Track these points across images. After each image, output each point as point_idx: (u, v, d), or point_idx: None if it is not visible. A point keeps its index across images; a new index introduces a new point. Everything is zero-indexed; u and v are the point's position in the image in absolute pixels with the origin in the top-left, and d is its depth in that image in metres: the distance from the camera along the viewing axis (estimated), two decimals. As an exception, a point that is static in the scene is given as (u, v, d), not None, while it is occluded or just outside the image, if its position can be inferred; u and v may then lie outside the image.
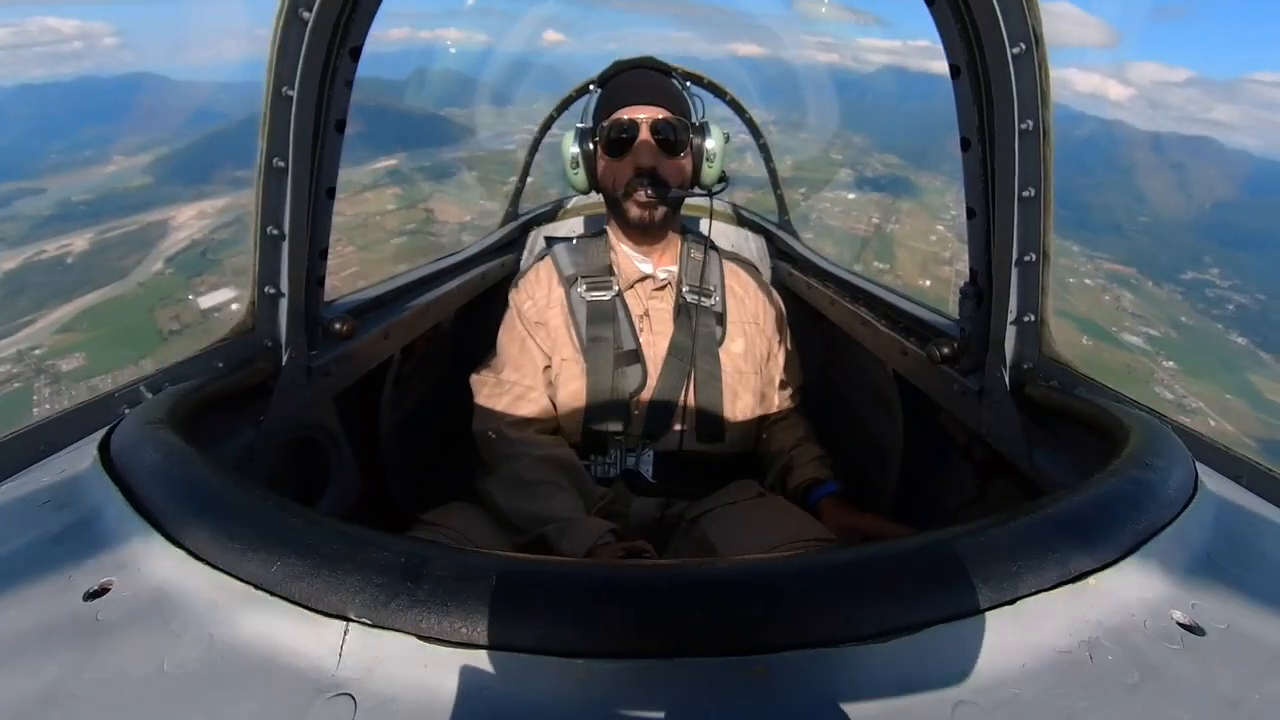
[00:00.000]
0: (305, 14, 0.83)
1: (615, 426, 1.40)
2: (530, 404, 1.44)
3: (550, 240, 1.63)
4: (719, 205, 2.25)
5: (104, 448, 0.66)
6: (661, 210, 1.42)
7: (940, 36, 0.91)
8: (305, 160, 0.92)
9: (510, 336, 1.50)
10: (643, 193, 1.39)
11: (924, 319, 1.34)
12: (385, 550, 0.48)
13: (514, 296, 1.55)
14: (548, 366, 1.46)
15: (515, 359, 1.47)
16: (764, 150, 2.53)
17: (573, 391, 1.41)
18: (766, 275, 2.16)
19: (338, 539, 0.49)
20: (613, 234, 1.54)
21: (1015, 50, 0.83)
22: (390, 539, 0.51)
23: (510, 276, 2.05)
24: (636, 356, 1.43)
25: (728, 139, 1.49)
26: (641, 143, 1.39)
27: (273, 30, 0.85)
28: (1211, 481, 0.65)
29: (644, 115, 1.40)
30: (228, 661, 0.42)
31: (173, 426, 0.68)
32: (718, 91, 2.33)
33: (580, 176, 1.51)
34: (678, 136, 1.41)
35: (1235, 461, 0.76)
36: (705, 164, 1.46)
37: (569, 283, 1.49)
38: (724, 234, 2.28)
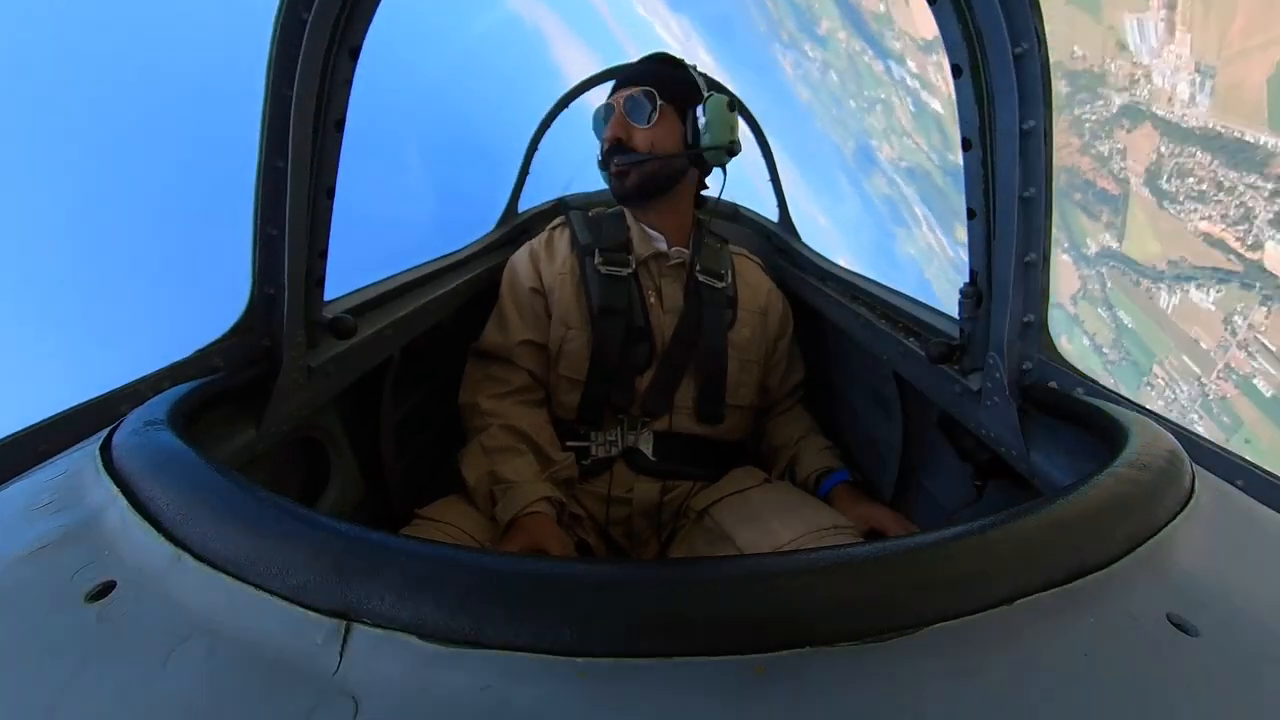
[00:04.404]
0: (304, 14, 0.83)
1: (618, 402, 1.40)
2: (512, 373, 1.43)
3: (569, 210, 1.65)
4: (723, 204, 2.25)
5: (105, 448, 0.66)
6: (634, 178, 1.44)
7: (942, 35, 0.91)
8: (304, 160, 0.92)
9: (504, 301, 1.51)
10: (612, 164, 1.44)
11: (924, 319, 1.35)
12: (386, 549, 0.48)
13: (517, 260, 1.55)
14: (534, 341, 1.45)
15: (506, 323, 1.47)
16: (765, 148, 2.53)
17: (577, 364, 1.41)
18: None
19: (339, 538, 0.50)
20: (628, 212, 1.56)
21: (1018, 50, 0.83)
22: (392, 538, 0.51)
23: None
24: (645, 333, 1.44)
25: (732, 108, 1.48)
26: (614, 118, 1.43)
27: (272, 30, 0.85)
28: (1208, 484, 0.65)
29: (620, 96, 1.45)
30: (229, 662, 0.42)
31: (173, 427, 0.68)
32: (717, 87, 2.33)
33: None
34: (642, 106, 1.43)
35: (1232, 464, 0.77)
36: (703, 131, 1.46)
37: (584, 252, 1.49)
38: (724, 230, 2.29)
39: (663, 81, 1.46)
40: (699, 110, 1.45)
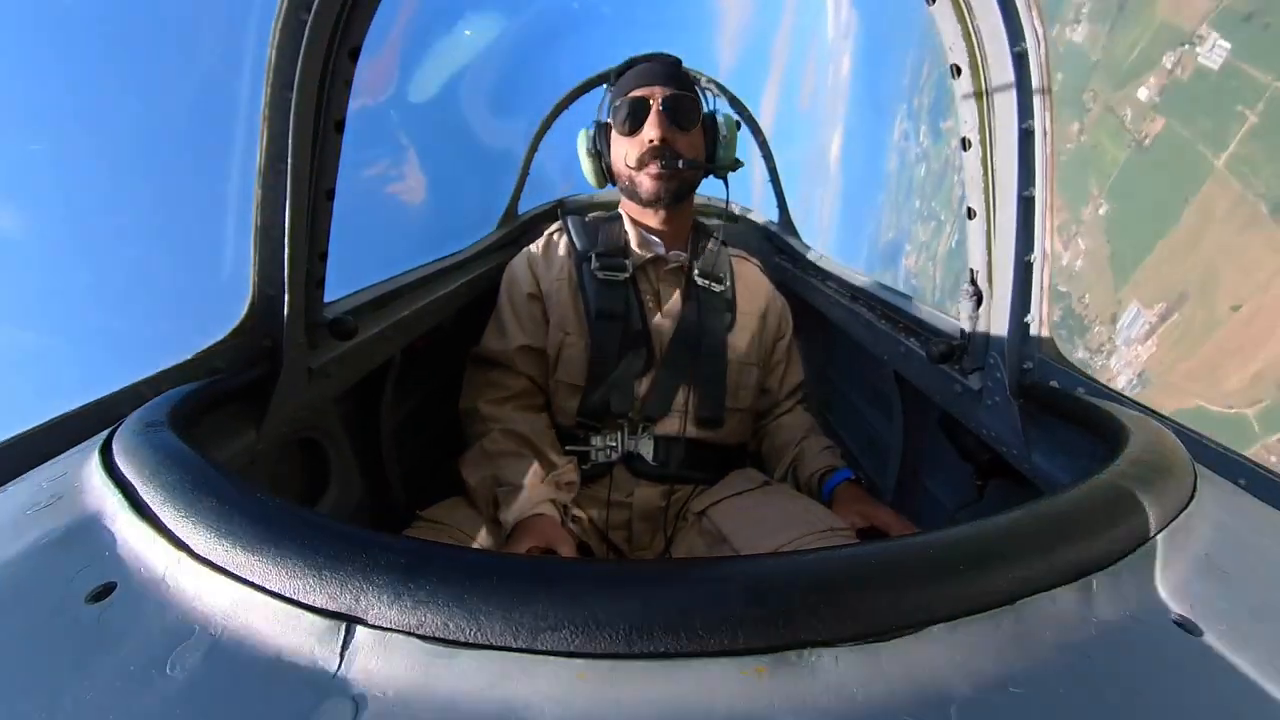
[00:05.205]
0: (304, 15, 0.84)
1: (617, 407, 1.39)
2: (512, 378, 1.43)
3: (566, 215, 1.65)
4: (720, 203, 2.26)
5: (105, 450, 0.66)
6: (674, 183, 1.43)
7: (942, 35, 0.92)
8: (305, 161, 0.92)
9: (502, 307, 1.50)
10: (655, 165, 1.40)
11: (924, 319, 1.35)
12: (387, 550, 0.48)
13: (515, 265, 1.55)
14: (533, 347, 1.45)
15: (505, 329, 1.47)
16: (765, 149, 2.54)
17: (576, 369, 1.41)
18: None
19: (339, 539, 0.49)
20: (627, 216, 1.54)
21: (1017, 49, 0.83)
22: (392, 539, 0.51)
23: None
24: (644, 338, 1.43)
25: (739, 126, 1.51)
26: (654, 116, 1.40)
27: (272, 31, 0.85)
28: (1210, 483, 0.65)
29: (657, 91, 1.42)
30: (230, 663, 0.42)
31: (173, 428, 0.68)
32: (719, 89, 2.33)
33: (594, 171, 1.53)
34: (689, 110, 1.42)
35: (1234, 463, 0.76)
36: (720, 146, 1.48)
37: (582, 258, 1.48)
38: (724, 231, 2.30)
39: (695, 89, 1.48)
40: (719, 124, 1.49)
